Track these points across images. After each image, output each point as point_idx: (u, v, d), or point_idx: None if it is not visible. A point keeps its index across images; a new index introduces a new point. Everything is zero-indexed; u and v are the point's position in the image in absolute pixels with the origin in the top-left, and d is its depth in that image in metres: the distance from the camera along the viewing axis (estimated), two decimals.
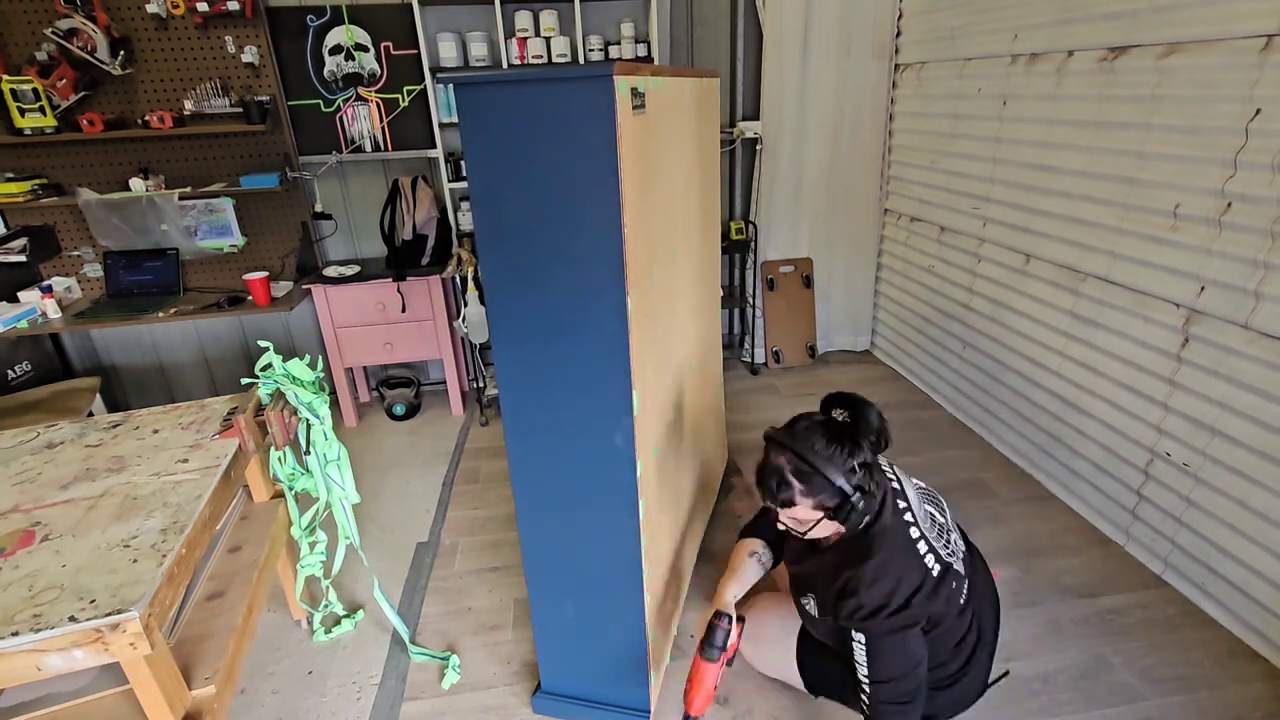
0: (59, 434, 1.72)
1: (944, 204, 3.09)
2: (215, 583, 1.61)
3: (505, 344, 1.39)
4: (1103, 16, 2.14)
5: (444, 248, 3.28)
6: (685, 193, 1.85)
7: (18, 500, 1.42)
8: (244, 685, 1.89)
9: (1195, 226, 1.90)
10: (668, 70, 1.59)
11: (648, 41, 3.17)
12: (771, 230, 3.66)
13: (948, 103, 3.00)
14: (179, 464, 1.54)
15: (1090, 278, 2.28)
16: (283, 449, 1.77)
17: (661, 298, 1.61)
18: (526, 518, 1.57)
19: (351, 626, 2.07)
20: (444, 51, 3.04)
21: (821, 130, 3.50)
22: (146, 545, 1.25)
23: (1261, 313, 1.75)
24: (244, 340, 3.53)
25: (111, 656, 1.12)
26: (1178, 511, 2.04)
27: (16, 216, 3.06)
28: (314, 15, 3.00)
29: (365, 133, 3.20)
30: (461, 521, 2.60)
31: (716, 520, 2.51)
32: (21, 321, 2.82)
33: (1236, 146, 1.77)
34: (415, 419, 3.47)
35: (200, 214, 3.16)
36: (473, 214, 1.31)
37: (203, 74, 2.96)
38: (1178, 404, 2.01)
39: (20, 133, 2.78)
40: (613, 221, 1.22)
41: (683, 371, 1.93)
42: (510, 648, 1.99)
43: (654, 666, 1.68)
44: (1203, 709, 1.69)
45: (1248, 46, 1.73)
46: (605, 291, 1.28)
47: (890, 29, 3.35)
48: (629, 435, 1.39)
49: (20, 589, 1.16)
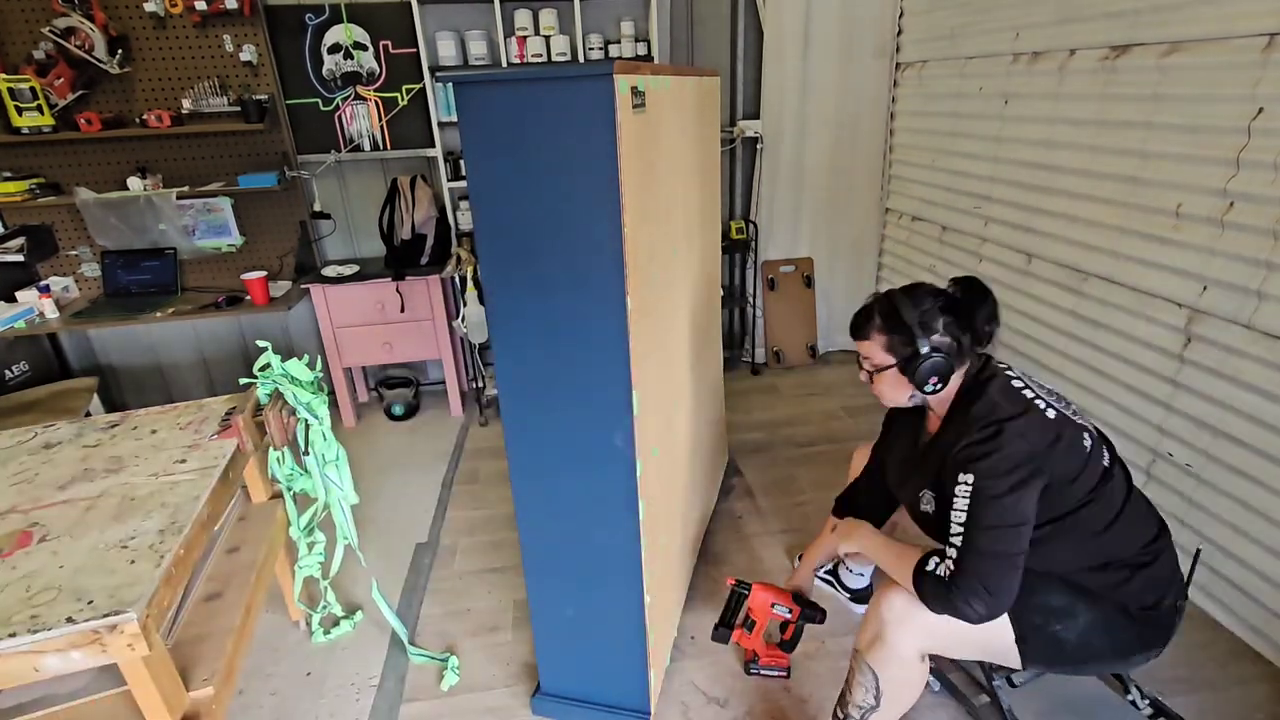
0: (56, 434, 1.71)
1: (945, 203, 3.08)
2: (213, 583, 1.61)
3: (505, 344, 1.39)
4: (1104, 15, 2.14)
5: (443, 247, 3.27)
6: (685, 192, 1.85)
7: (15, 501, 1.42)
8: (242, 686, 1.88)
9: (1198, 226, 1.90)
10: (668, 69, 1.58)
11: (648, 40, 3.16)
12: (772, 230, 3.66)
13: (949, 102, 2.99)
14: (177, 464, 1.53)
15: (1092, 277, 2.28)
16: (281, 449, 1.77)
17: (661, 298, 1.60)
18: (526, 518, 1.56)
19: (350, 627, 2.07)
20: (443, 50, 3.03)
21: (822, 129, 3.49)
22: (144, 546, 1.25)
23: (1264, 313, 1.74)
24: (242, 340, 3.52)
25: (109, 658, 1.11)
26: (1180, 512, 2.04)
27: (14, 216, 3.06)
28: (312, 14, 3.00)
29: (364, 132, 3.19)
30: (461, 522, 2.59)
31: (716, 520, 2.50)
32: (19, 321, 2.82)
33: (1239, 145, 1.76)
34: (414, 419, 3.46)
35: (198, 213, 3.15)
36: (472, 213, 1.30)
37: (201, 73, 2.95)
38: (1180, 404, 2.00)
39: (18, 132, 2.77)
40: (613, 221, 1.22)
41: (683, 371, 1.92)
42: (510, 649, 1.98)
43: (654, 667, 1.68)
44: (1204, 710, 1.69)
45: (1250, 45, 1.72)
46: (605, 291, 1.27)
47: (891, 28, 3.34)
48: (629, 435, 1.38)
49: (18, 590, 1.15)
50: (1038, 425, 1.25)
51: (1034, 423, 1.25)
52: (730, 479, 2.78)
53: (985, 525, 1.23)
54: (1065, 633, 1.32)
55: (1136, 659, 1.37)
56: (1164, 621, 1.35)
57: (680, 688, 1.82)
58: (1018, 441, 1.23)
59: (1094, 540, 1.31)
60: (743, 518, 2.53)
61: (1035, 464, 1.23)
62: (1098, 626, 1.32)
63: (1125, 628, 1.33)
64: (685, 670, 1.88)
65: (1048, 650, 1.34)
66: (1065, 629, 1.32)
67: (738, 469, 2.85)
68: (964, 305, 1.34)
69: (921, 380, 1.32)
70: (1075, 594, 1.33)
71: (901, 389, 1.38)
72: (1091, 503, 1.29)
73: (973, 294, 1.35)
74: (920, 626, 1.33)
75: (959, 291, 1.36)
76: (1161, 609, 1.34)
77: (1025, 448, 1.23)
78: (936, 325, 1.31)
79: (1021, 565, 1.24)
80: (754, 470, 2.83)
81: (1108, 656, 1.36)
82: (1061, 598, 1.33)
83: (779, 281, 3.73)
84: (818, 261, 3.77)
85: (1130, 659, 1.38)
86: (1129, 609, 1.32)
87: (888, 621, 1.35)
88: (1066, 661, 1.36)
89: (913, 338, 1.31)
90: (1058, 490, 1.26)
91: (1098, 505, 1.29)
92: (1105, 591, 1.32)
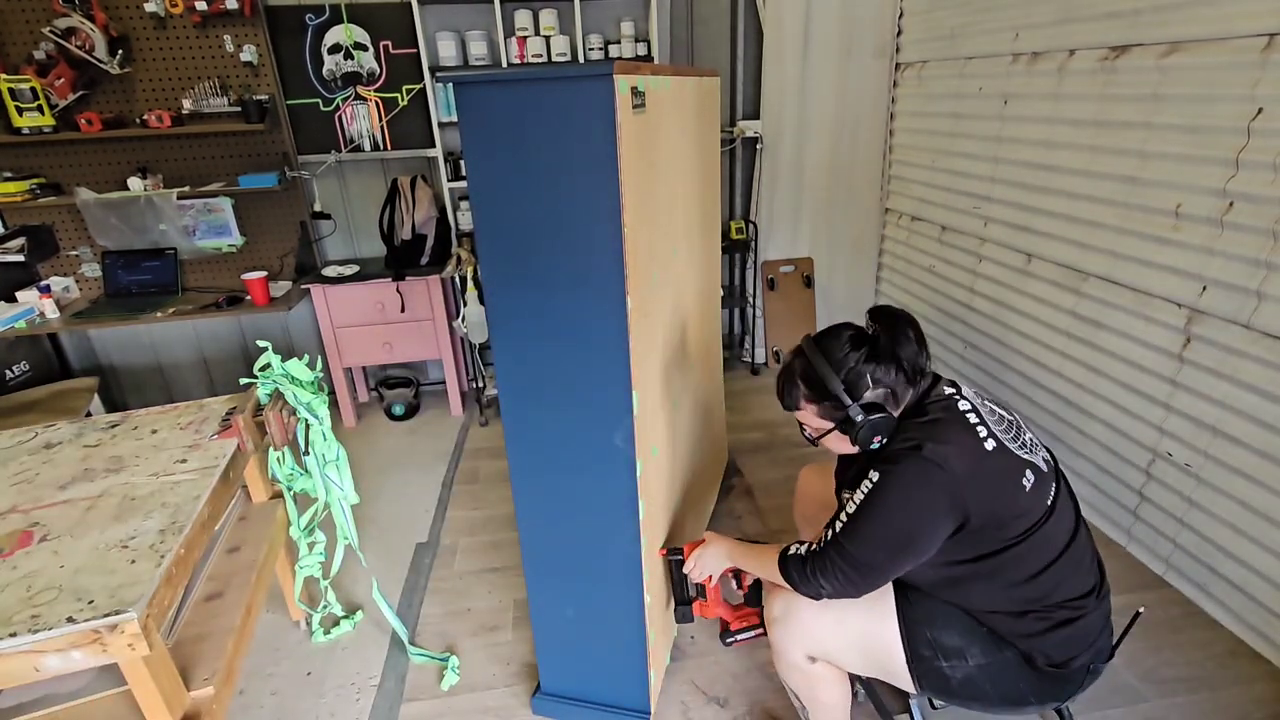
0: (57, 434, 1.71)
1: (945, 203, 3.09)
2: (214, 583, 1.61)
3: (505, 344, 1.39)
4: (1104, 15, 2.14)
5: (443, 247, 3.27)
6: (685, 192, 1.85)
7: (16, 501, 1.42)
8: (242, 686, 1.88)
9: (1197, 226, 1.90)
10: (668, 69, 1.58)
11: (648, 40, 3.16)
12: (772, 230, 3.66)
13: (948, 102, 2.99)
14: (177, 464, 1.53)
15: (1092, 277, 2.28)
16: (281, 449, 1.77)
17: (662, 298, 1.60)
18: (526, 518, 1.56)
19: (350, 627, 2.07)
20: (443, 50, 3.03)
21: (822, 129, 3.49)
22: (145, 546, 1.25)
23: (1264, 313, 1.74)
24: (242, 340, 3.52)
25: (110, 657, 1.11)
26: (1179, 512, 2.04)
27: (14, 216, 3.06)
28: (313, 14, 3.00)
29: (364, 132, 3.19)
30: (461, 522, 2.59)
31: (716, 520, 2.51)
32: (19, 321, 2.82)
33: (1238, 146, 1.76)
34: (414, 419, 3.46)
35: (199, 213, 3.16)
36: (472, 214, 1.30)
37: (201, 73, 2.95)
38: (1179, 404, 2.00)
39: (18, 132, 2.77)
40: (613, 221, 1.22)
41: (683, 371, 1.92)
42: (510, 648, 1.98)
43: (654, 667, 1.68)
44: (1204, 710, 1.69)
45: (1249, 45, 1.72)
46: (605, 291, 1.28)
47: (891, 28, 3.34)
48: (629, 435, 1.39)
49: (18, 589, 1.15)
50: (967, 454, 1.17)
51: (963, 451, 1.17)
52: (730, 479, 2.78)
53: (866, 525, 1.20)
54: (952, 671, 1.28)
55: (1030, 708, 1.30)
56: (1070, 679, 1.26)
57: (680, 687, 1.83)
58: (933, 464, 1.15)
59: (1016, 587, 1.22)
60: (742, 518, 2.53)
61: (950, 493, 1.15)
62: (989, 672, 1.26)
63: (1022, 679, 1.26)
64: (685, 670, 1.88)
65: (935, 682, 1.30)
66: (952, 669, 1.27)
67: (738, 469, 2.85)
68: (885, 346, 1.25)
69: (864, 443, 1.25)
70: (974, 636, 1.27)
71: (849, 444, 1.29)
72: (1020, 544, 1.20)
73: (894, 329, 1.25)
74: (798, 626, 1.33)
75: (879, 330, 1.27)
76: (1070, 668, 1.24)
77: (940, 475, 1.15)
78: (864, 381, 1.24)
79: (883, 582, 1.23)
80: (754, 470, 2.83)
81: (995, 702, 1.30)
82: (957, 638, 1.27)
83: (779, 281, 3.73)
84: (818, 261, 3.77)
85: (1023, 708, 1.30)
86: (1034, 661, 1.25)
87: (771, 624, 1.36)
88: (955, 696, 1.32)
89: (843, 404, 1.24)
90: (980, 530, 1.18)
91: (1028, 549, 1.20)
92: (1014, 639, 1.25)
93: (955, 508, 1.16)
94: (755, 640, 1.55)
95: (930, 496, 1.17)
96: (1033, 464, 1.23)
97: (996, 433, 1.22)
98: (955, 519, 1.17)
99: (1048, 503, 1.23)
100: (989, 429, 1.22)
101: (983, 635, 1.27)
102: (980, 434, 1.21)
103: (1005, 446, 1.21)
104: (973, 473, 1.17)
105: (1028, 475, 1.21)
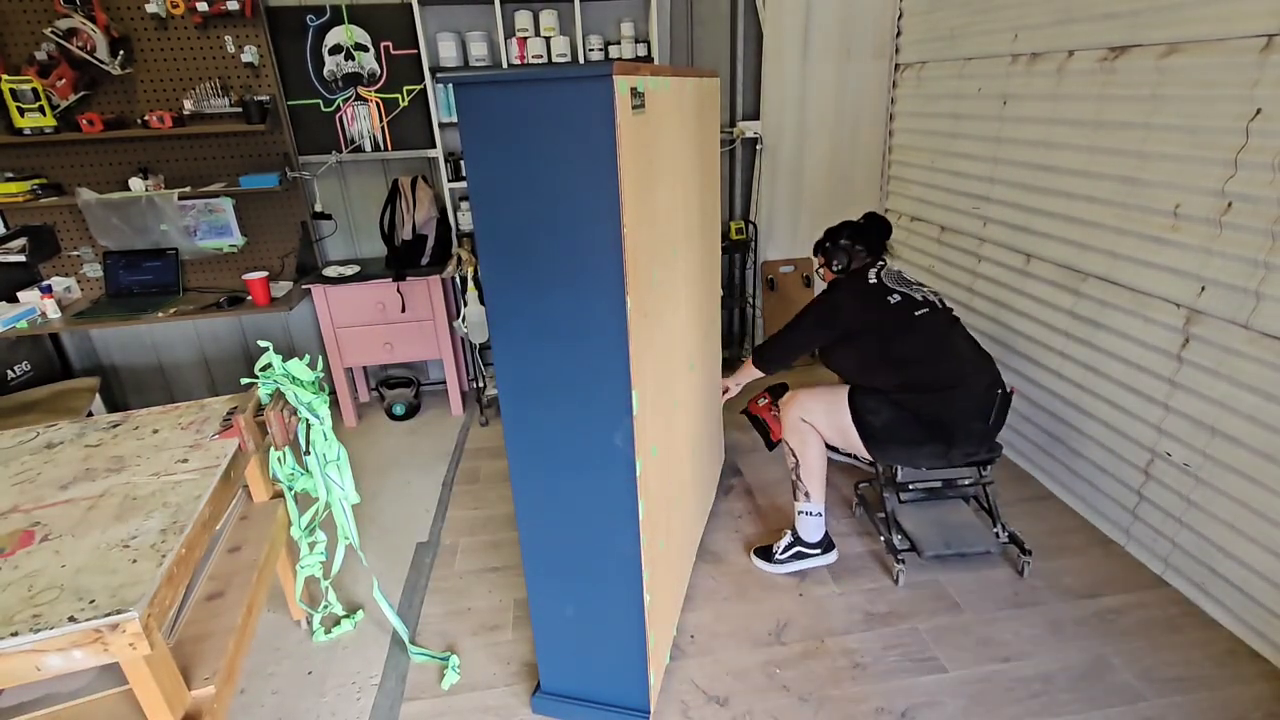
0: (58, 434, 1.72)
1: (944, 204, 3.09)
2: (215, 583, 1.61)
3: (505, 344, 1.39)
4: (1103, 16, 2.14)
5: (444, 248, 3.28)
6: (685, 193, 1.85)
7: (17, 500, 1.42)
8: (243, 685, 1.89)
9: (1196, 226, 1.90)
10: (668, 70, 1.58)
11: (648, 41, 3.17)
12: (772, 230, 3.66)
13: (948, 102, 2.99)
14: (179, 464, 1.54)
15: (1091, 277, 2.28)
16: (282, 449, 1.77)
17: (661, 298, 1.60)
18: (526, 517, 1.57)
19: (351, 627, 2.07)
20: (444, 51, 3.04)
21: (821, 130, 3.50)
22: (146, 545, 1.25)
23: (1262, 313, 1.75)
24: (243, 340, 3.53)
25: (111, 657, 1.11)
26: (1178, 511, 2.04)
27: (16, 216, 3.06)
28: (314, 15, 3.00)
29: (365, 132, 3.20)
30: (461, 521, 2.60)
31: (716, 520, 2.51)
32: (21, 321, 2.82)
33: (1237, 146, 1.77)
34: (415, 419, 3.47)
35: (200, 214, 3.16)
36: (472, 214, 1.30)
37: (202, 74, 2.96)
38: (1178, 404, 2.00)
39: (20, 132, 2.78)
40: (613, 221, 1.22)
41: (683, 371, 1.92)
42: (510, 648, 1.99)
43: (654, 666, 1.68)
44: (1203, 709, 1.69)
45: (1248, 46, 1.72)
46: (605, 291, 1.28)
47: (890, 29, 3.35)
48: (629, 435, 1.39)
49: (20, 589, 1.16)
50: (870, 296, 2.10)
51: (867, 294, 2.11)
52: (730, 479, 2.78)
53: (799, 319, 2.24)
54: (874, 419, 2.04)
55: (925, 450, 2.03)
56: (946, 432, 1.99)
57: (680, 686, 1.83)
58: (842, 294, 2.17)
59: (898, 371, 2.04)
60: (742, 517, 2.54)
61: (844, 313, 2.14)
62: (895, 421, 2.02)
63: (913, 427, 2.00)
64: (685, 669, 1.88)
65: (867, 432, 2.05)
66: (874, 417, 2.04)
67: (738, 469, 2.85)
68: (863, 229, 2.28)
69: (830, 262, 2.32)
70: (883, 400, 2.04)
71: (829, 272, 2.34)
72: (895, 344, 2.05)
73: (873, 224, 2.30)
74: (798, 406, 2.15)
75: (864, 221, 2.32)
76: (944, 423, 1.99)
77: (845, 300, 2.16)
78: (841, 242, 2.28)
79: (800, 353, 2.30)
80: (754, 470, 2.83)
81: (903, 440, 2.03)
82: (874, 401, 2.05)
83: (779, 282, 3.74)
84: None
85: (920, 448, 2.03)
86: (921, 417, 2.00)
87: (786, 406, 2.20)
88: (879, 442, 2.06)
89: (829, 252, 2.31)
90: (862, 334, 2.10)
91: (899, 345, 2.04)
92: (904, 403, 2.01)
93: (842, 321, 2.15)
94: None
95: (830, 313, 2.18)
96: (921, 304, 2.09)
97: (903, 292, 2.10)
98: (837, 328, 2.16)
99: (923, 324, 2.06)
100: (898, 291, 2.10)
101: (890, 403, 2.03)
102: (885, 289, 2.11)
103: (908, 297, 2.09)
104: (864, 303, 2.11)
105: (911, 310, 2.06)
